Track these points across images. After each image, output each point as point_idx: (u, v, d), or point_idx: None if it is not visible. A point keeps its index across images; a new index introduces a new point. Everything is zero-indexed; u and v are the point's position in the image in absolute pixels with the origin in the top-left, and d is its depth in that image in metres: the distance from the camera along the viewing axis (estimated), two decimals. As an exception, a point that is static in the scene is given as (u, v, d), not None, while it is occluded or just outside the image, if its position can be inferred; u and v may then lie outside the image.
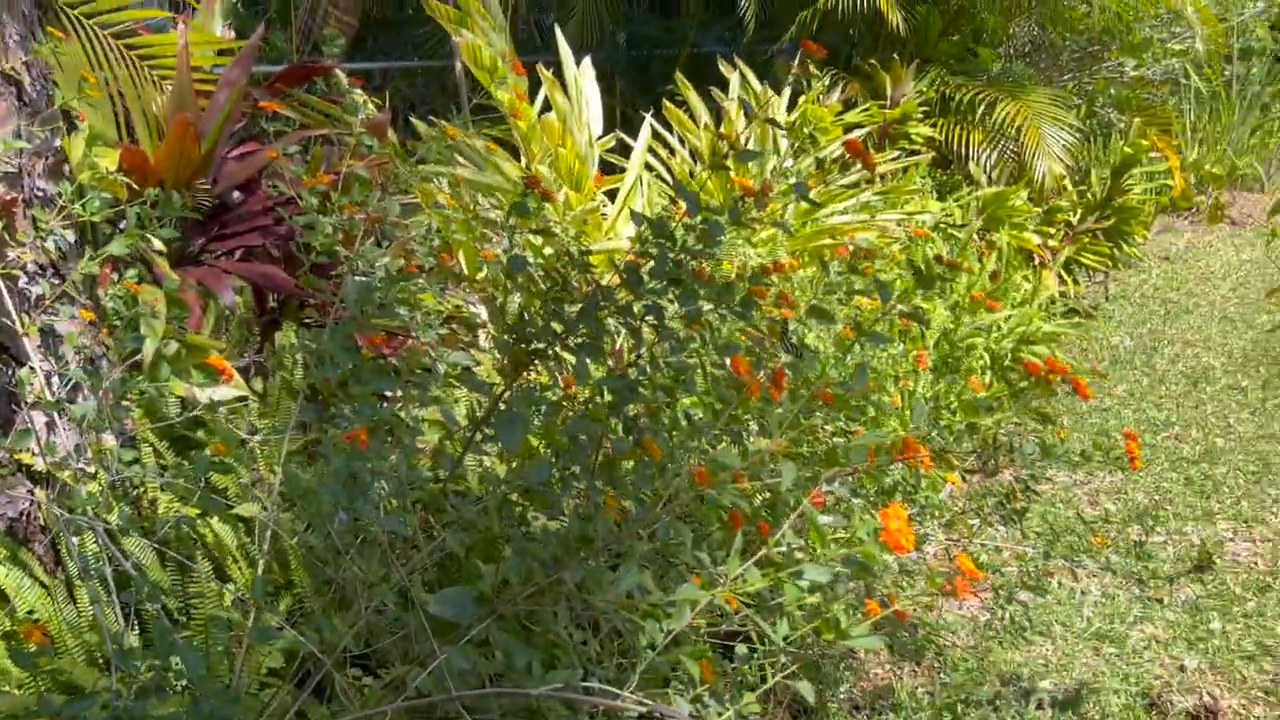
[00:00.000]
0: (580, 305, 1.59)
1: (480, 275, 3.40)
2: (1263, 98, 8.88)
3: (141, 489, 2.06)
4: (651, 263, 1.65)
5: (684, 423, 1.87)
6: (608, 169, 4.31)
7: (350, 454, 1.31)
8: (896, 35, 5.53)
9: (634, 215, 1.63)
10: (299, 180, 2.85)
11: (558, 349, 1.60)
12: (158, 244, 2.20)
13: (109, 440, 1.95)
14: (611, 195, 3.94)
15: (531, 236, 3.35)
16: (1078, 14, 6.40)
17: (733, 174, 3.25)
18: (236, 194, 3.13)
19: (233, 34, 6.58)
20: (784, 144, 4.30)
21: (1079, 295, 5.54)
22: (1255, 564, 3.16)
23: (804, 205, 3.92)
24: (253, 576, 1.90)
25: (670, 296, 1.61)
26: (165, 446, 2.21)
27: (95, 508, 1.80)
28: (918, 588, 2.31)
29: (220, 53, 3.27)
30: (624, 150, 4.26)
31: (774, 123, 1.85)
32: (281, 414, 2.73)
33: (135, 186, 2.24)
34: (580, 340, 1.56)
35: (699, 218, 1.63)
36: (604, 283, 1.77)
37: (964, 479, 2.12)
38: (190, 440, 2.32)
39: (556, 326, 1.55)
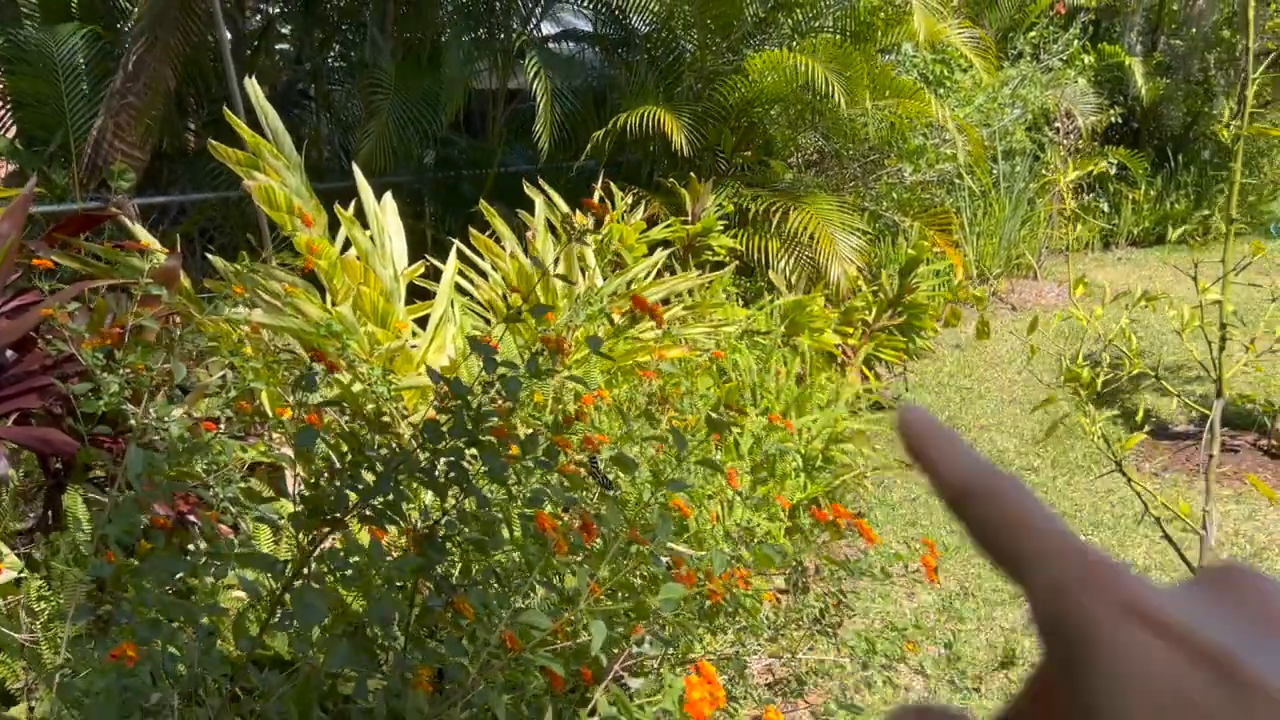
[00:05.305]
0: (380, 469, 1.55)
1: (287, 417, 3.27)
2: (1028, 193, 9.73)
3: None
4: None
5: (498, 573, 1.84)
6: (421, 294, 4.27)
7: (120, 671, 1.21)
8: (690, 153, 5.80)
9: (429, 372, 1.62)
10: (79, 338, 2.70)
11: (358, 515, 1.55)
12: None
13: None
14: (424, 323, 3.90)
15: (340, 376, 3.28)
16: (857, 125, 6.88)
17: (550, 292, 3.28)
18: (10, 353, 2.93)
19: (12, 167, 6.24)
20: (591, 260, 4.40)
21: (881, 389, 5.84)
22: (1058, 642, 3.34)
23: (617, 325, 4.00)
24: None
25: (471, 454, 1.59)
26: (-75, 647, 1.99)
27: None
28: (745, 713, 2.32)
29: (-10, 203, 3.09)
30: (436, 275, 4.24)
31: (582, 240, 1.88)
32: (68, 589, 2.52)
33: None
34: (379, 507, 1.52)
35: (496, 373, 1.63)
36: (408, 429, 1.74)
37: (777, 598, 2.17)
38: (-44, 634, 2.10)
39: (352, 496, 1.51)
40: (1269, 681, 0.23)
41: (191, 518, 2.89)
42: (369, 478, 1.59)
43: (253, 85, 3.51)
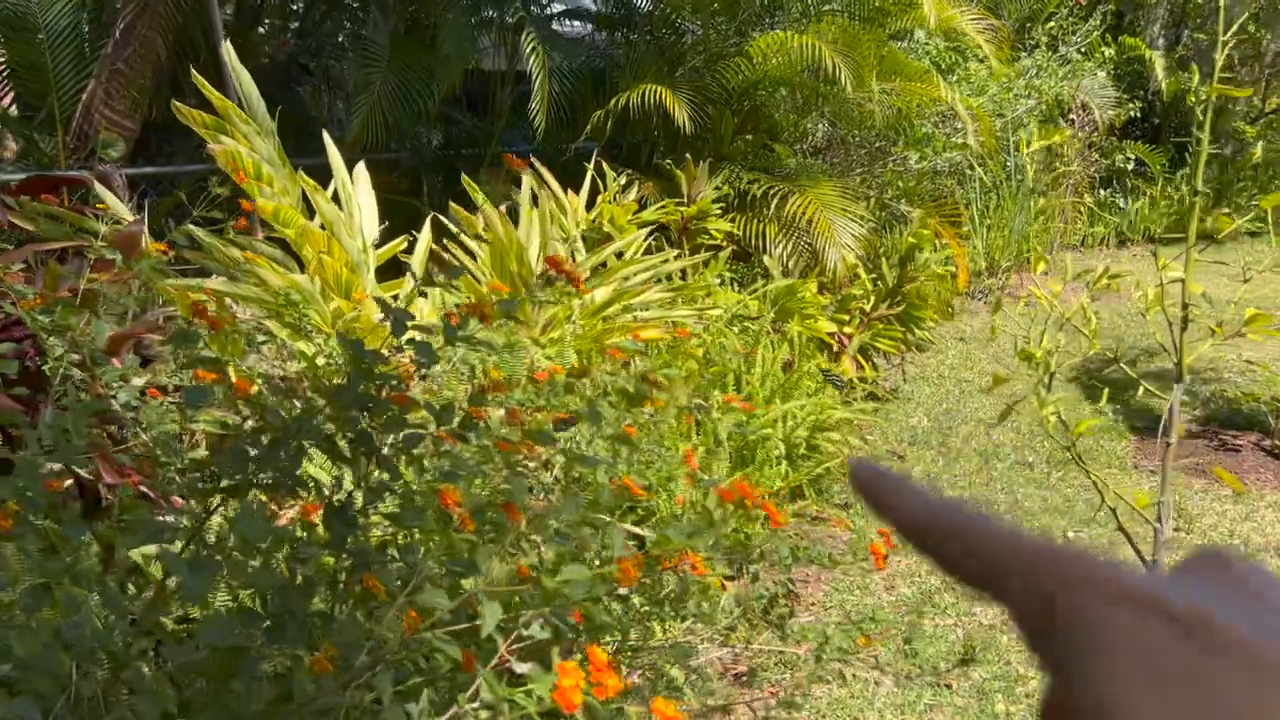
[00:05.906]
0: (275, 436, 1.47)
1: (254, 390, 3.20)
2: (1040, 186, 9.56)
3: None
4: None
5: (427, 550, 1.75)
6: (404, 271, 4.20)
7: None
8: (693, 135, 5.68)
9: (339, 336, 1.53)
10: (22, 299, 2.63)
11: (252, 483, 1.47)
12: None
13: None
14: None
15: (303, 346, 3.20)
16: (864, 110, 6.74)
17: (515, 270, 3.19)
18: (-42, 315, 2.87)
19: (12, 143, 6.18)
20: (576, 236, 4.31)
21: (877, 379, 5.71)
22: (1038, 641, 3.23)
23: (596, 303, 3.91)
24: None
25: (375, 423, 1.51)
26: None
27: None
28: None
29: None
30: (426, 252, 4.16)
31: (508, 198, 1.79)
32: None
33: None
34: (276, 476, 1.44)
35: (405, 337, 1.54)
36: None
37: (723, 584, 2.08)
38: None
39: (246, 462, 1.43)
40: (1242, 633, 0.23)
41: (146, 489, 2.82)
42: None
43: (228, 49, 3.44)
